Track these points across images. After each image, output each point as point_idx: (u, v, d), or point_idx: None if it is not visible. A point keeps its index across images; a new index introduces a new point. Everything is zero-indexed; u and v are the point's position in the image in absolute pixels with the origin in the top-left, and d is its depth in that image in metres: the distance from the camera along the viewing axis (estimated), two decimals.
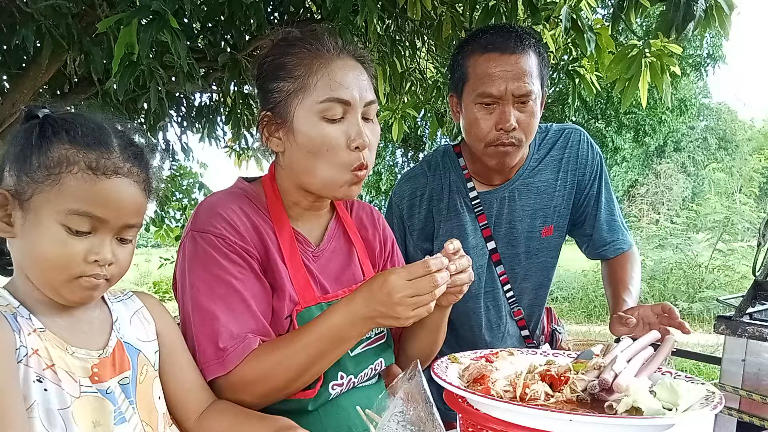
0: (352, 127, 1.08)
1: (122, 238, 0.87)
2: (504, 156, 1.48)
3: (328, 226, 1.24)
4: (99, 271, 0.84)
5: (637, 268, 1.66)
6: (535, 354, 1.15)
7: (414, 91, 3.97)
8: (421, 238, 1.65)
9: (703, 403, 0.85)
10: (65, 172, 0.81)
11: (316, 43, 1.10)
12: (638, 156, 19.91)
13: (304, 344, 1.02)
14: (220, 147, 4.85)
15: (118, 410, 0.86)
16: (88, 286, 0.84)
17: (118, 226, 0.85)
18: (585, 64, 3.11)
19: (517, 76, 1.40)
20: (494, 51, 1.43)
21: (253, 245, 1.09)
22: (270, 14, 3.36)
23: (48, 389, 0.79)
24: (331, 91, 1.06)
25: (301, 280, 1.12)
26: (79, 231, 0.81)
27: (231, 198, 1.13)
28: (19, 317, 0.81)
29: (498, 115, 1.43)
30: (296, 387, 1.06)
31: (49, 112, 0.86)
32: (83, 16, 2.69)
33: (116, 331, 0.92)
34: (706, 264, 9.94)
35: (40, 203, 0.81)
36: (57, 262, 0.81)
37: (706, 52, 17.22)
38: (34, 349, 0.80)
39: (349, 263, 1.25)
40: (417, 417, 0.88)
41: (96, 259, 0.83)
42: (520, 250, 1.64)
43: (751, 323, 1.69)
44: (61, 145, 0.82)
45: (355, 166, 1.09)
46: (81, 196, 0.81)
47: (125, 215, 0.85)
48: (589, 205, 1.66)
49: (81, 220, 0.81)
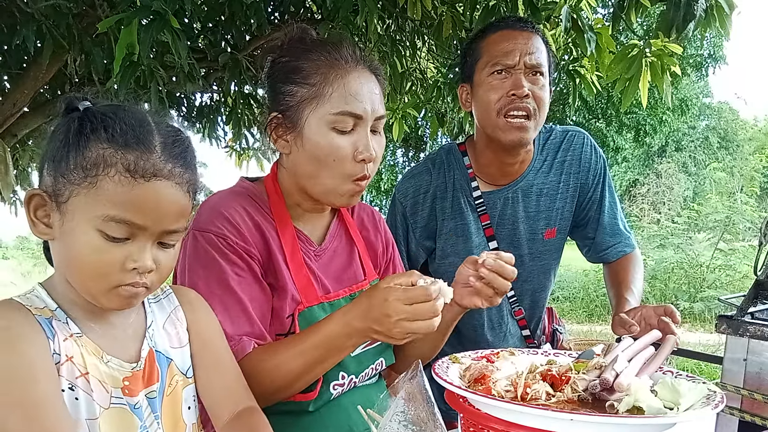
0: (361, 139, 1.08)
1: (164, 242, 0.82)
2: (518, 131, 1.46)
3: (330, 225, 1.24)
4: (138, 279, 0.79)
5: (640, 269, 1.66)
6: (536, 354, 1.15)
7: (414, 90, 3.96)
8: (424, 235, 1.65)
9: (704, 402, 0.85)
10: (102, 175, 0.75)
11: (334, 52, 1.09)
12: (639, 156, 19.91)
13: (300, 351, 1.02)
14: (221, 147, 4.85)
15: (143, 425, 0.83)
16: (126, 295, 0.79)
17: (159, 232, 0.79)
18: (585, 64, 3.10)
19: (530, 48, 1.45)
20: (507, 28, 1.50)
21: (254, 245, 1.08)
22: (270, 14, 3.36)
23: (79, 398, 0.77)
24: (345, 105, 1.06)
25: (303, 279, 1.12)
26: (116, 238, 0.76)
27: (234, 197, 1.12)
28: (55, 321, 0.78)
29: (512, 82, 1.45)
30: (291, 391, 1.06)
31: (90, 104, 0.80)
32: (84, 16, 2.69)
33: (149, 339, 0.88)
34: (707, 263, 9.93)
35: (76, 206, 0.76)
36: (94, 269, 0.77)
37: (707, 52, 17.22)
38: (68, 356, 0.77)
39: (351, 263, 1.25)
40: (418, 417, 0.88)
41: (134, 267, 0.78)
42: (522, 252, 1.64)
43: (752, 323, 1.69)
44: (98, 143, 0.76)
45: (357, 177, 1.09)
46: (118, 201, 0.75)
47: (166, 221, 0.79)
48: (592, 209, 1.66)
49: (118, 226, 0.76)
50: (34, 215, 0.79)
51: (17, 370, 0.72)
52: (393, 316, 0.93)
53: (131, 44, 1.78)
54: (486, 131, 1.54)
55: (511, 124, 1.45)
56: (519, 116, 1.45)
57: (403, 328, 0.94)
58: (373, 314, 0.96)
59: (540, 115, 1.48)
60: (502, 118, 1.46)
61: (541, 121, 1.50)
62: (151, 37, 1.79)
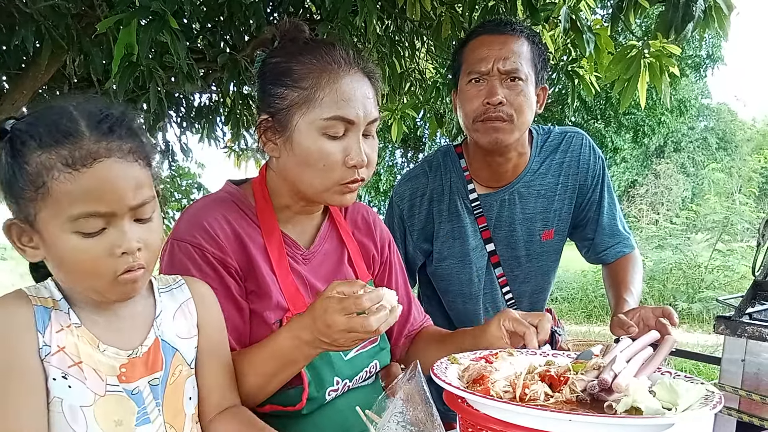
0: (352, 145, 1.06)
1: (139, 219, 0.82)
2: (494, 132, 1.47)
3: (320, 228, 1.23)
4: (132, 262, 0.80)
5: (639, 269, 1.66)
6: (535, 354, 1.15)
7: (413, 91, 3.96)
8: (421, 238, 1.65)
9: (702, 402, 0.85)
10: (48, 180, 0.76)
11: (327, 54, 1.07)
12: (637, 156, 19.91)
13: (255, 363, 1.02)
14: (220, 147, 4.85)
15: (143, 410, 0.85)
16: (129, 280, 0.81)
17: (127, 211, 0.79)
18: (584, 65, 3.10)
19: (504, 53, 1.45)
20: (484, 33, 1.50)
21: (231, 255, 1.07)
22: (270, 14, 3.36)
23: (72, 386, 0.79)
24: (337, 109, 1.04)
25: (290, 287, 1.11)
26: (91, 233, 0.78)
27: (214, 205, 1.11)
28: (54, 311, 0.81)
29: (486, 90, 1.46)
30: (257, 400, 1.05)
31: (14, 121, 0.80)
32: (83, 16, 2.68)
33: (156, 328, 0.90)
34: (705, 264, 9.94)
35: (45, 219, 0.78)
36: (87, 269, 0.79)
37: (705, 53, 17.24)
38: (60, 346, 0.79)
39: (341, 265, 1.24)
40: (416, 417, 0.88)
41: (123, 251, 0.79)
42: (519, 253, 1.64)
43: (750, 323, 1.69)
44: (33, 153, 0.76)
45: (347, 181, 1.07)
46: (73, 198, 0.76)
47: (127, 198, 0.79)
48: (591, 210, 1.66)
49: (87, 221, 0.77)
50: (19, 243, 0.81)
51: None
52: (333, 326, 0.92)
53: (130, 44, 1.78)
54: (470, 135, 1.56)
55: (486, 125, 1.47)
56: (493, 119, 1.46)
57: (345, 338, 0.93)
58: (317, 325, 0.94)
59: (518, 117, 1.47)
60: (478, 123, 1.48)
61: (521, 123, 1.48)
62: (150, 38, 1.79)
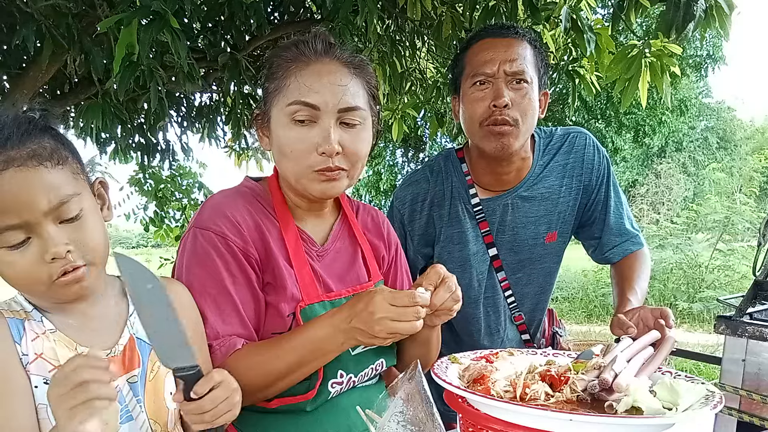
0: (322, 132, 1.07)
1: (66, 219, 0.79)
2: (500, 137, 1.45)
3: (333, 226, 1.25)
4: (66, 265, 0.79)
5: (646, 267, 1.63)
6: (535, 354, 1.15)
7: (414, 91, 3.97)
8: (422, 243, 1.65)
9: (703, 402, 0.85)
10: None
11: (303, 46, 1.11)
12: (638, 156, 19.90)
13: (286, 350, 1.03)
14: (220, 147, 4.86)
15: (124, 408, 0.86)
16: (69, 281, 0.80)
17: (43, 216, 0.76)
18: (585, 65, 3.10)
19: (510, 56, 1.44)
20: (488, 36, 1.49)
21: (253, 245, 1.09)
22: (270, 14, 3.36)
23: None
24: (299, 95, 1.06)
25: (305, 278, 1.13)
26: (16, 245, 0.76)
27: (237, 196, 1.13)
28: (28, 322, 0.81)
29: (492, 93, 1.44)
30: (276, 389, 1.06)
31: None
32: (83, 16, 2.69)
33: (129, 327, 0.91)
34: (706, 264, 9.94)
35: None
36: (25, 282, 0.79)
37: (706, 53, 17.21)
38: (37, 353, 0.79)
39: (354, 264, 1.25)
40: (417, 417, 0.88)
41: (52, 257, 0.77)
42: (523, 257, 1.62)
43: (751, 323, 1.69)
44: None
45: (319, 168, 1.08)
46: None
47: (38, 203, 0.75)
48: (597, 209, 1.64)
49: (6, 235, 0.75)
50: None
51: None
52: (377, 313, 0.95)
53: (131, 44, 1.78)
54: (473, 141, 1.54)
55: (492, 130, 1.45)
56: (500, 123, 1.44)
57: (385, 326, 0.96)
58: (359, 313, 0.98)
59: (524, 123, 1.45)
60: (484, 128, 1.46)
61: (526, 128, 1.47)
62: (151, 37, 1.79)
